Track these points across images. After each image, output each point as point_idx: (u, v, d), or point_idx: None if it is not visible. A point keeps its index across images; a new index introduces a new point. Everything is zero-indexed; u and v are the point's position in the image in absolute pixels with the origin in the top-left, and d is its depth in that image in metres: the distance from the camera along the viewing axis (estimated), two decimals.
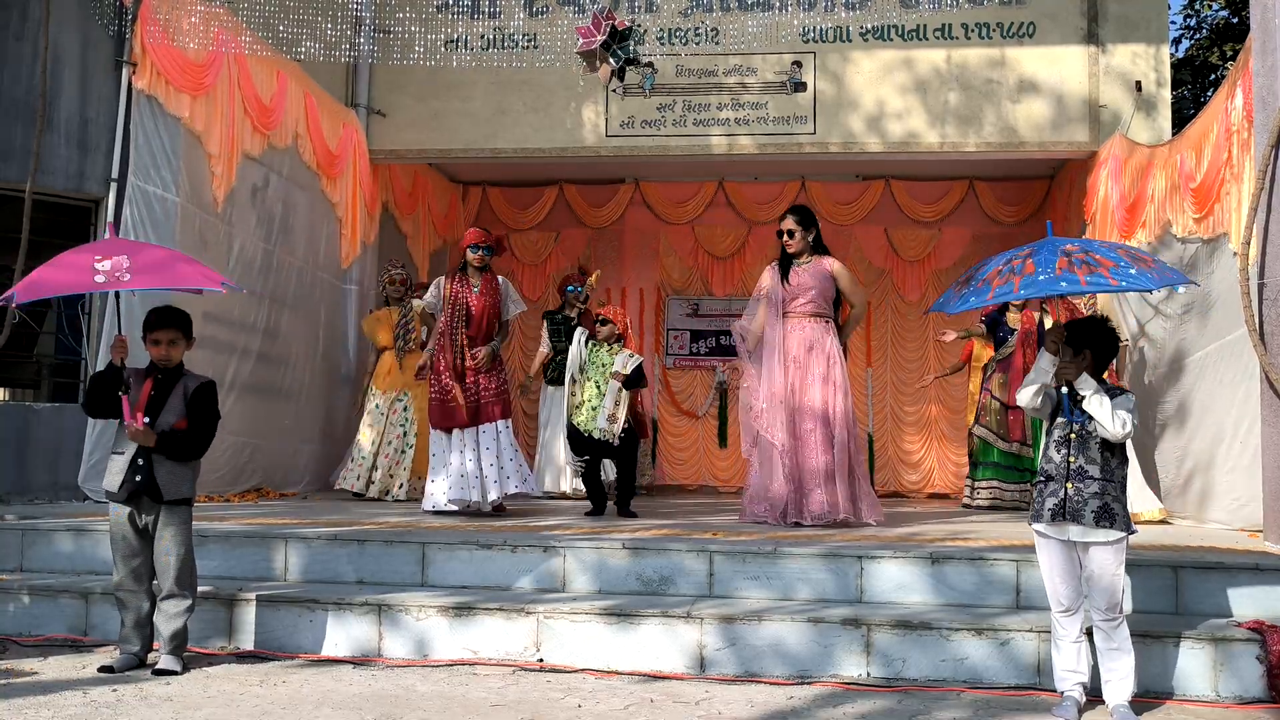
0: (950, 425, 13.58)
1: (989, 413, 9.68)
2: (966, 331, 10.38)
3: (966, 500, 9.79)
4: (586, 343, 8.28)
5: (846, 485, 7.33)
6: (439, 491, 7.76)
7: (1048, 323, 8.74)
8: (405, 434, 9.65)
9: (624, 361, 8.08)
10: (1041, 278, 4.33)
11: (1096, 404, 4.45)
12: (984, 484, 9.62)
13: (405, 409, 9.74)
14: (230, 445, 8.92)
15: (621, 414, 7.98)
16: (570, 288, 10.74)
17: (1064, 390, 4.56)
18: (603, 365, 8.13)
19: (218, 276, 5.35)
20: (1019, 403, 4.67)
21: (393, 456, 9.59)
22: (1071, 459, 4.50)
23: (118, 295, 5.38)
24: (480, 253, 7.98)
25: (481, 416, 7.81)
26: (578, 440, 8.14)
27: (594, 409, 8.02)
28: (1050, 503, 4.51)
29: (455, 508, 7.67)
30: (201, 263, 5.70)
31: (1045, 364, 4.57)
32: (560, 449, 10.16)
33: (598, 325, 8.32)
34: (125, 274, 4.90)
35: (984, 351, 10.34)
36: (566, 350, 10.15)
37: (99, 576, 5.94)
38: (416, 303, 9.56)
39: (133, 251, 5.12)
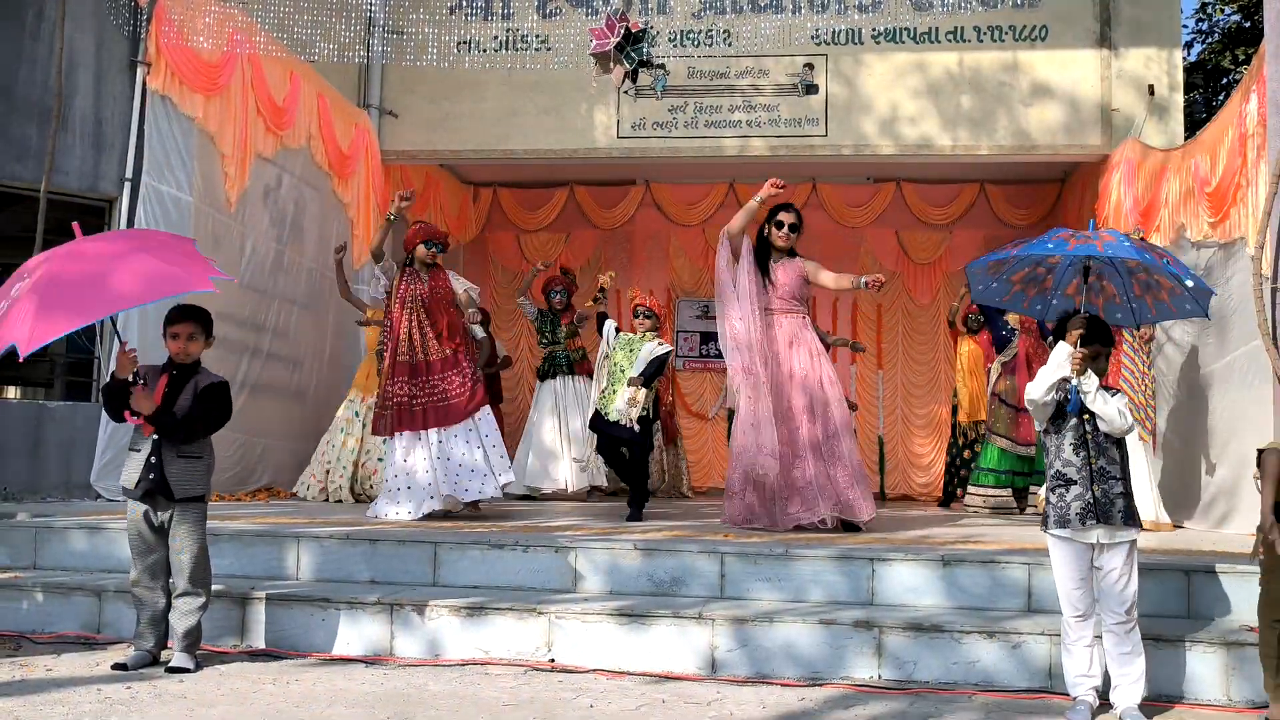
0: None
1: (998, 418, 9.57)
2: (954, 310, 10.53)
3: (972, 505, 9.70)
4: (617, 332, 8.06)
5: (843, 475, 7.10)
6: (404, 509, 7.36)
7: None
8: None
9: (646, 356, 7.81)
10: (1126, 243, 4.57)
11: (1101, 401, 4.46)
12: (984, 490, 9.59)
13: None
14: (241, 444, 8.95)
15: (641, 398, 7.68)
16: (553, 292, 10.45)
17: (1074, 384, 4.52)
18: (633, 350, 7.88)
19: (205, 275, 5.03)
20: (1030, 396, 4.58)
21: (372, 466, 9.12)
22: (1093, 460, 4.48)
23: None
24: (433, 249, 7.65)
25: (450, 416, 7.47)
26: (597, 422, 7.85)
27: (614, 391, 7.77)
28: (1077, 506, 4.46)
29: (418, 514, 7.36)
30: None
31: (1062, 356, 4.55)
32: (547, 444, 10.12)
33: (640, 319, 8.03)
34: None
35: (969, 346, 10.51)
36: (553, 347, 10.32)
37: (112, 574, 5.96)
38: None
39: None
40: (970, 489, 9.81)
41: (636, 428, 7.70)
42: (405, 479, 7.43)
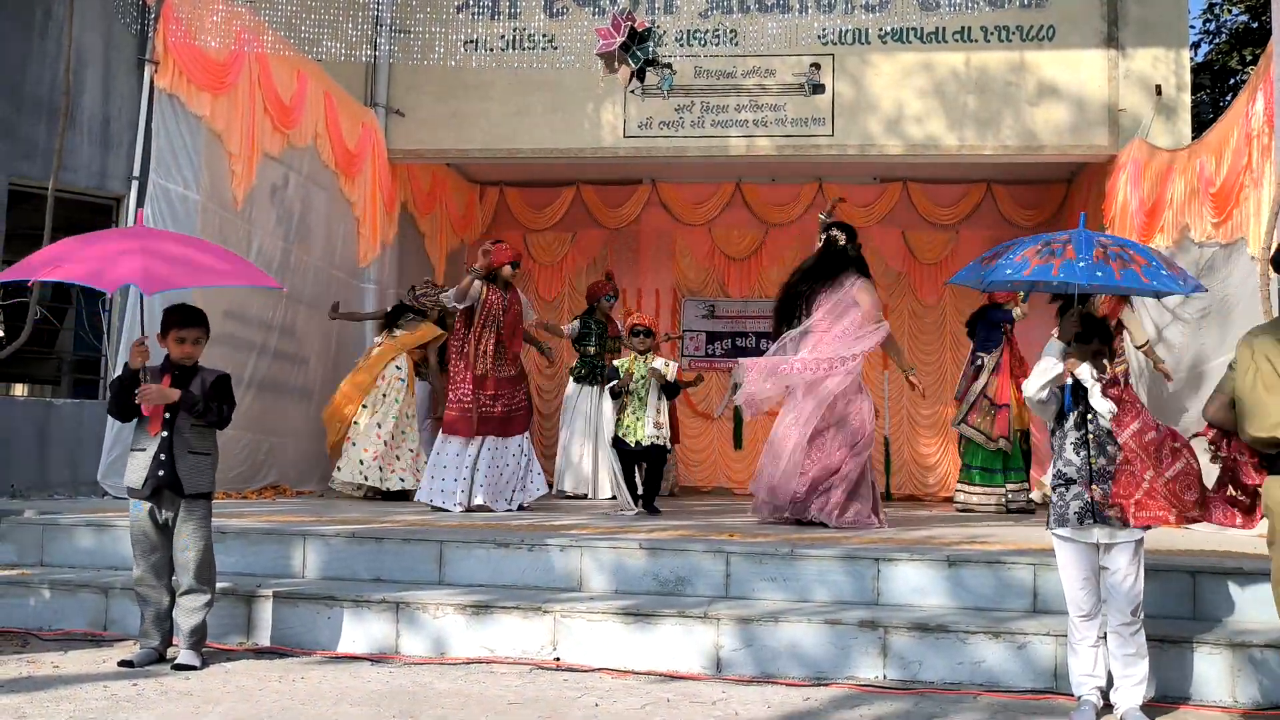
0: None
1: (979, 412, 9.68)
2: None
3: (960, 506, 9.78)
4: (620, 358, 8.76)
5: (858, 491, 7.41)
6: (452, 494, 7.94)
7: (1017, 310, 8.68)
8: (402, 404, 9.41)
9: (664, 364, 8.48)
10: (1081, 264, 4.38)
11: (1099, 395, 4.47)
12: (972, 488, 9.68)
13: (403, 379, 9.50)
14: (247, 442, 8.95)
15: (665, 418, 8.41)
16: (604, 297, 10.81)
17: (1071, 382, 4.52)
18: (641, 376, 8.40)
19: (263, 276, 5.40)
20: (1027, 394, 4.60)
21: (402, 443, 9.37)
22: (1093, 460, 4.49)
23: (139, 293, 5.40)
24: (517, 269, 8.45)
25: (511, 428, 8.14)
26: (625, 449, 8.42)
27: (637, 418, 8.34)
28: (1075, 506, 4.48)
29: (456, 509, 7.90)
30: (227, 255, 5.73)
31: (1056, 352, 4.55)
32: (580, 451, 10.42)
33: (640, 338, 8.62)
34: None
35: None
36: (592, 351, 10.54)
37: (118, 571, 5.98)
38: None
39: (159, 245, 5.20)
40: (959, 487, 9.90)
41: (669, 445, 8.59)
42: (453, 472, 7.98)
